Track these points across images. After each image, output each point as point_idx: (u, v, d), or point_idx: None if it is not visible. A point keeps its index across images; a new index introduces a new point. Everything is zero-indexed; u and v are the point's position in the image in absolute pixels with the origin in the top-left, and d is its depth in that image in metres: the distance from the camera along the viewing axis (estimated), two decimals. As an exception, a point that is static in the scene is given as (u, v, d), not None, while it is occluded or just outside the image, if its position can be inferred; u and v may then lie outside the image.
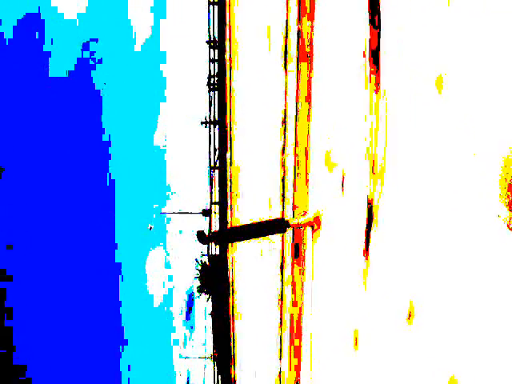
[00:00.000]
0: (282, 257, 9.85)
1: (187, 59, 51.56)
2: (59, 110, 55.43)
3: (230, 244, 16.27)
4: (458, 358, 2.54)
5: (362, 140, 4.45)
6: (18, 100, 53.63)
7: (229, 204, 16.92)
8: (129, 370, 58.80)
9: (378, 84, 4.01)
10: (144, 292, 58.52)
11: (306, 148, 7.59)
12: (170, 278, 54.75)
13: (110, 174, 58.53)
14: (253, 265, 13.08)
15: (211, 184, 19.65)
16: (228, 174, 15.74)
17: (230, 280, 16.12)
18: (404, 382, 3.24)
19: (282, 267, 9.99)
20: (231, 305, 16.25)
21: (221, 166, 17.17)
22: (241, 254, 15.02)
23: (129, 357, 59.02)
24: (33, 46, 54.21)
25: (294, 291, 8.78)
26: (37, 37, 54.23)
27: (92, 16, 55.26)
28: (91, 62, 56.04)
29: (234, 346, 17.04)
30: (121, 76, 57.04)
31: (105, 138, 58.26)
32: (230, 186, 15.71)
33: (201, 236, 6.65)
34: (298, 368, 8.77)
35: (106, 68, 56.81)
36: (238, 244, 14.97)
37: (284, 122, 8.99)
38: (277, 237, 9.71)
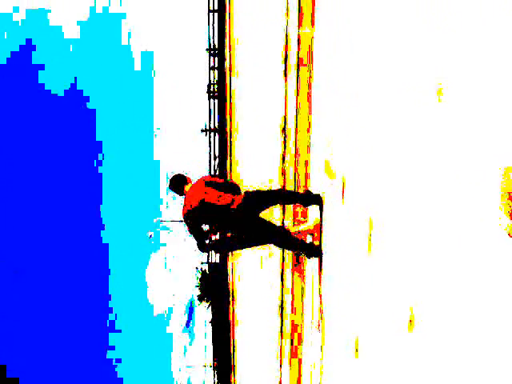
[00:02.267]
0: (282, 264, 9.83)
1: (187, 67, 51.63)
2: (55, 124, 55.53)
3: (230, 252, 16.25)
4: (459, 365, 2.52)
5: (362, 147, 4.44)
6: (14, 117, 53.79)
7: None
8: (128, 378, 58.63)
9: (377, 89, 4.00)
10: (144, 300, 58.41)
11: (305, 155, 7.59)
12: (170, 287, 54.65)
13: (110, 181, 58.56)
14: (253, 273, 13.06)
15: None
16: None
17: (230, 288, 16.09)
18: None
19: (282, 275, 9.96)
20: (231, 313, 16.21)
21: (221, 173, 17.16)
22: (241, 261, 14.99)
23: (128, 365, 58.84)
24: (28, 65, 54.40)
25: (294, 299, 8.76)
26: (33, 56, 54.49)
27: (90, 30, 55.46)
28: (88, 73, 56.20)
29: (234, 354, 16.98)
30: (118, 84, 57.14)
31: (104, 146, 58.36)
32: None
33: (201, 244, 6.61)
34: (298, 375, 8.73)
35: (103, 81, 56.98)
36: (238, 252, 14.94)
37: (284, 129, 8.99)
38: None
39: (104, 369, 58.08)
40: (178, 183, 6.41)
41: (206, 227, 6.37)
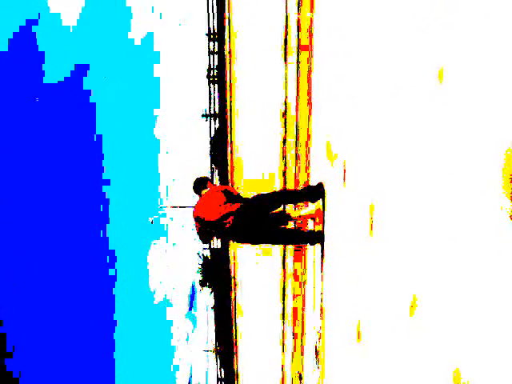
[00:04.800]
0: (284, 250, 9.84)
1: (186, 52, 51.41)
2: (55, 110, 55.37)
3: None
4: (461, 350, 2.52)
5: (363, 131, 4.42)
6: (14, 105, 53.64)
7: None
8: (130, 365, 58.97)
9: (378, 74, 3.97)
10: (145, 286, 58.60)
11: (306, 140, 7.56)
12: (172, 272, 54.81)
13: (109, 168, 58.56)
14: (255, 258, 13.08)
15: (212, 177, 19.60)
16: (229, 166, 15.69)
17: (232, 273, 16.11)
18: (407, 374, 3.22)
19: (283, 260, 9.97)
20: (233, 298, 16.24)
21: (222, 158, 17.11)
22: (243, 247, 15.02)
23: (129, 351, 59.16)
24: (28, 51, 54.16)
25: (295, 284, 8.77)
26: (33, 42, 54.26)
27: (90, 14, 55.19)
28: (87, 59, 56.01)
29: (236, 339, 17.04)
30: (118, 71, 56.95)
31: (105, 135, 58.29)
32: (231, 179, 15.66)
33: (202, 234, 6.62)
34: (300, 360, 8.76)
35: (104, 63, 56.76)
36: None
37: (284, 113, 8.95)
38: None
39: (106, 357, 58.43)
40: (197, 186, 6.75)
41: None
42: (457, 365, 2.54)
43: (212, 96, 17.32)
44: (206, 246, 24.13)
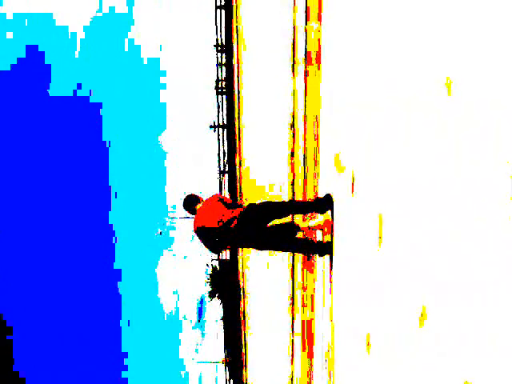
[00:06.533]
0: (293, 260, 9.82)
1: (195, 63, 51.59)
2: (62, 125, 55.72)
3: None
4: (471, 361, 2.51)
5: (371, 142, 4.42)
6: (21, 119, 54.00)
7: (238, 208, 16.71)
8: (140, 375, 58.83)
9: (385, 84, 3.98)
10: (155, 298, 58.55)
11: (314, 151, 7.57)
12: (181, 284, 54.74)
13: (118, 181, 58.75)
14: (264, 269, 13.07)
15: (220, 188, 19.62)
16: (237, 177, 15.73)
17: (241, 284, 16.10)
18: (418, 386, 3.21)
19: (292, 271, 9.95)
20: (242, 309, 16.23)
21: (230, 169, 17.16)
22: (252, 257, 15.01)
23: (139, 362, 59.04)
24: (34, 64, 54.56)
25: (304, 295, 8.75)
26: (39, 54, 54.66)
27: (97, 29, 55.57)
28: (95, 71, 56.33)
29: (245, 350, 17.01)
30: (126, 82, 57.21)
31: (111, 145, 58.51)
32: (240, 190, 15.70)
33: (210, 244, 6.62)
34: (309, 371, 8.73)
35: (111, 79, 57.07)
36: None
37: (292, 125, 8.97)
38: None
39: (115, 366, 58.32)
40: (190, 203, 6.74)
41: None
42: (466, 376, 2.53)
43: (220, 107, 17.39)
44: (215, 256, 24.14)
